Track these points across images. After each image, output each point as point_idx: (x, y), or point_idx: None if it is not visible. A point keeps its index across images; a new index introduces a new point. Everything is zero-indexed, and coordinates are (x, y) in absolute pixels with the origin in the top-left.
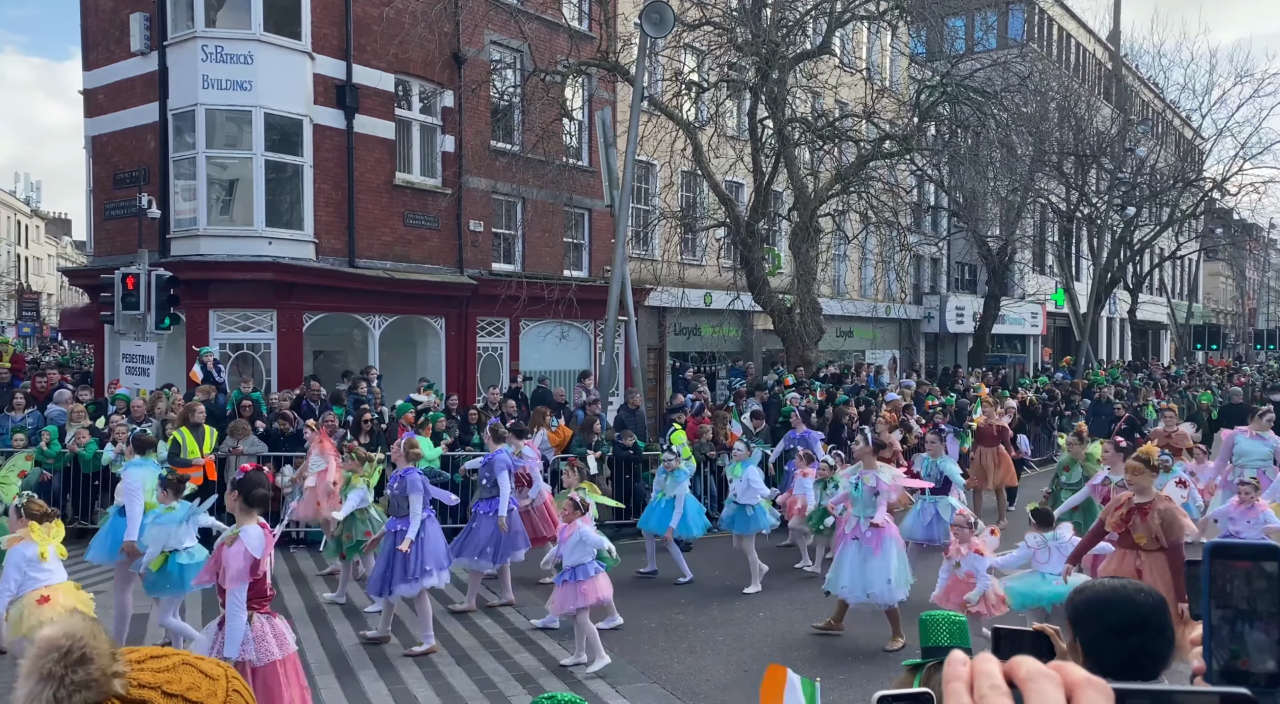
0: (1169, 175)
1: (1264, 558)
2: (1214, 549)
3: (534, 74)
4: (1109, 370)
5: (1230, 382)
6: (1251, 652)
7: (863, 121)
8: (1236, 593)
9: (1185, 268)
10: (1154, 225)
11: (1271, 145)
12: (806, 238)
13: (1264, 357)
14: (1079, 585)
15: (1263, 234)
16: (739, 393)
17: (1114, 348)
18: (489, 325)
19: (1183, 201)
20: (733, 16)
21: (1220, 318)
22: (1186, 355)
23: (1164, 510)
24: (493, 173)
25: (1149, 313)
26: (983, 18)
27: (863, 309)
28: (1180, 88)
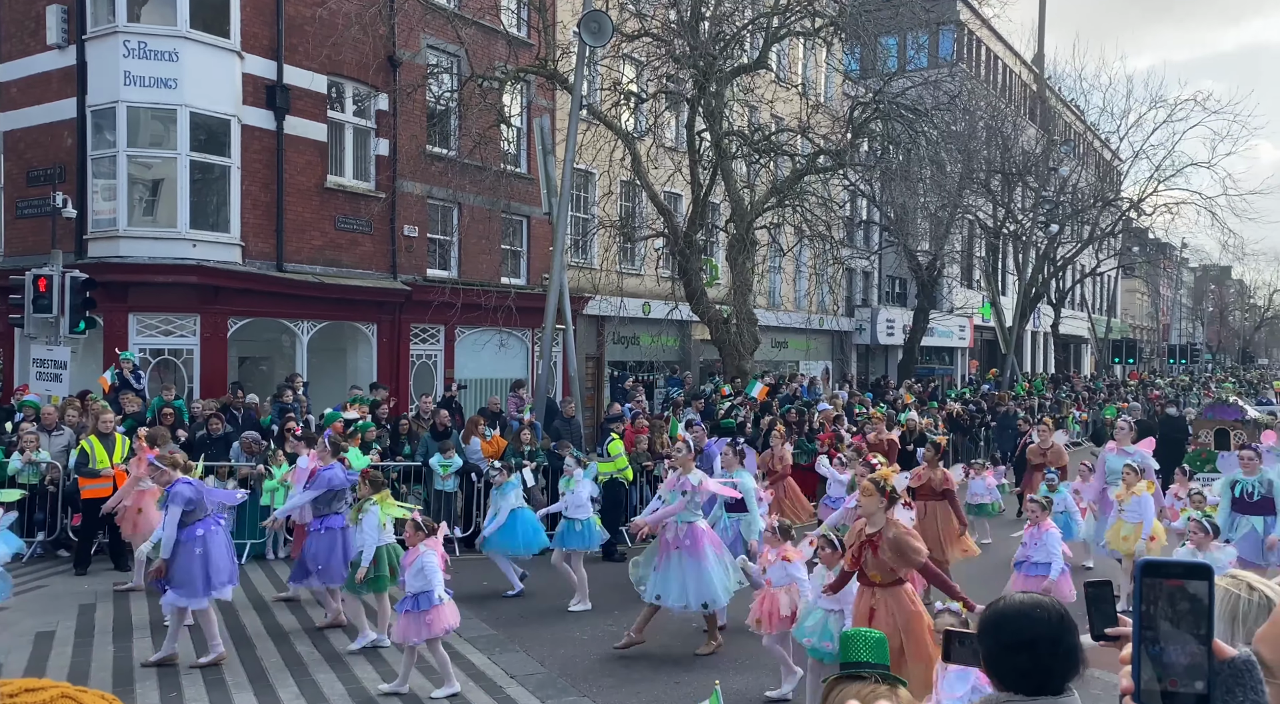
0: (1089, 194)
1: (1193, 577)
2: (1145, 567)
3: (471, 79)
4: (1033, 382)
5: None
6: (1180, 672)
7: (798, 136)
8: (1162, 612)
9: (1104, 284)
10: (1075, 242)
11: (1183, 168)
12: (743, 249)
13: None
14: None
15: (1175, 253)
16: (676, 402)
17: (1038, 361)
18: (423, 332)
19: (1102, 220)
20: (671, 29)
21: (1136, 333)
22: (1105, 369)
23: (893, 539)
24: (428, 177)
25: (1070, 327)
26: (914, 37)
27: (797, 320)
28: (1100, 111)
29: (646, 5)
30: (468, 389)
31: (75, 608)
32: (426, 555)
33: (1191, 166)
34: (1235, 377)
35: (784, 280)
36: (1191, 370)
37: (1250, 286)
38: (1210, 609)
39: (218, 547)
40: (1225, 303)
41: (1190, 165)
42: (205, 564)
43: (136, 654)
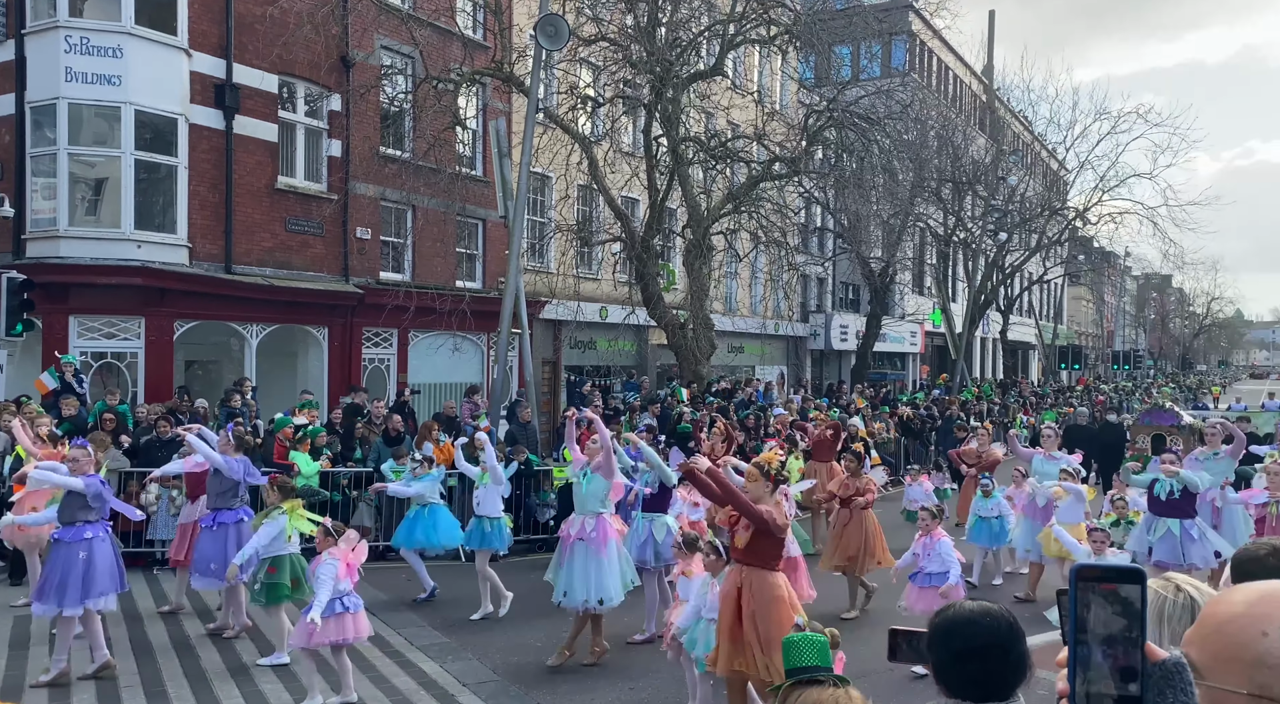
0: (1037, 204)
1: (1125, 581)
2: (1079, 571)
3: (426, 81)
4: (982, 387)
5: (1091, 400)
6: (1114, 675)
7: (753, 143)
8: (1095, 616)
9: (1051, 291)
10: (1023, 251)
11: (1126, 179)
12: (699, 255)
13: (1120, 376)
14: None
15: (1119, 262)
16: (633, 407)
17: (987, 366)
18: (375, 336)
19: (1049, 229)
20: (628, 34)
21: (1082, 339)
22: (1052, 374)
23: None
24: (381, 179)
25: (1018, 333)
26: (867, 47)
27: (752, 325)
28: (1047, 121)
29: (603, 10)
30: (421, 394)
31: (10, 619)
32: (325, 564)
33: (1134, 177)
34: (1175, 382)
35: (740, 286)
36: (1134, 376)
37: (1189, 295)
38: (1143, 613)
39: (104, 555)
40: (1166, 310)
41: (1133, 176)
42: (87, 570)
43: (32, 669)
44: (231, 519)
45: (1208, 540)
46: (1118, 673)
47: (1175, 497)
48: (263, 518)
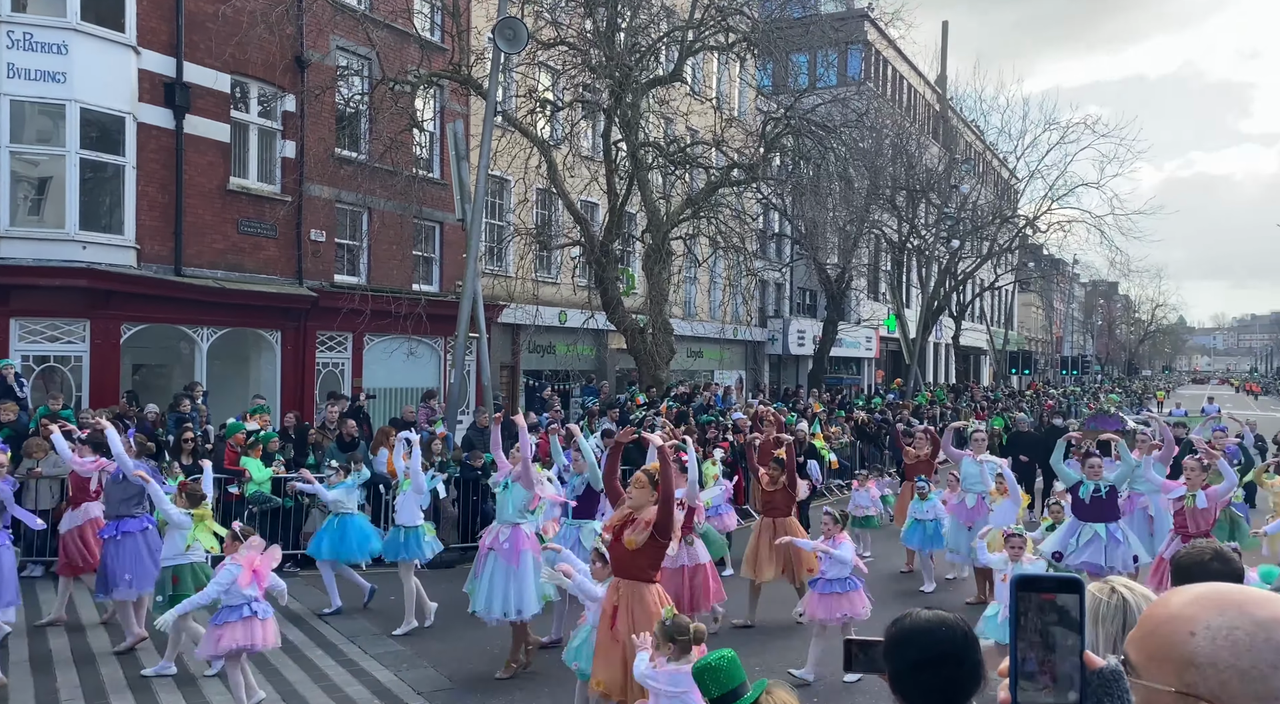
0: (988, 212)
1: (1064, 591)
2: (1020, 581)
3: (382, 82)
4: (935, 392)
5: (1041, 404)
6: (1053, 683)
7: (712, 149)
8: (1035, 624)
9: (1002, 298)
10: (975, 258)
11: (1075, 188)
12: (659, 260)
13: (1068, 381)
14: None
15: (1068, 269)
16: (591, 411)
17: (940, 371)
18: (330, 340)
19: (1000, 236)
20: (587, 38)
21: (1032, 345)
22: (1003, 379)
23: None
24: (337, 181)
25: (970, 339)
26: (824, 55)
27: (711, 330)
28: (998, 131)
29: (562, 14)
30: (377, 398)
31: None
32: (224, 569)
33: (1082, 186)
34: (1122, 387)
35: (699, 291)
36: (1082, 381)
37: (1135, 302)
38: (1081, 622)
39: (6, 565)
40: (1113, 317)
41: (1081, 185)
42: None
43: None
44: (136, 528)
45: (1128, 544)
46: (1057, 681)
47: (1101, 497)
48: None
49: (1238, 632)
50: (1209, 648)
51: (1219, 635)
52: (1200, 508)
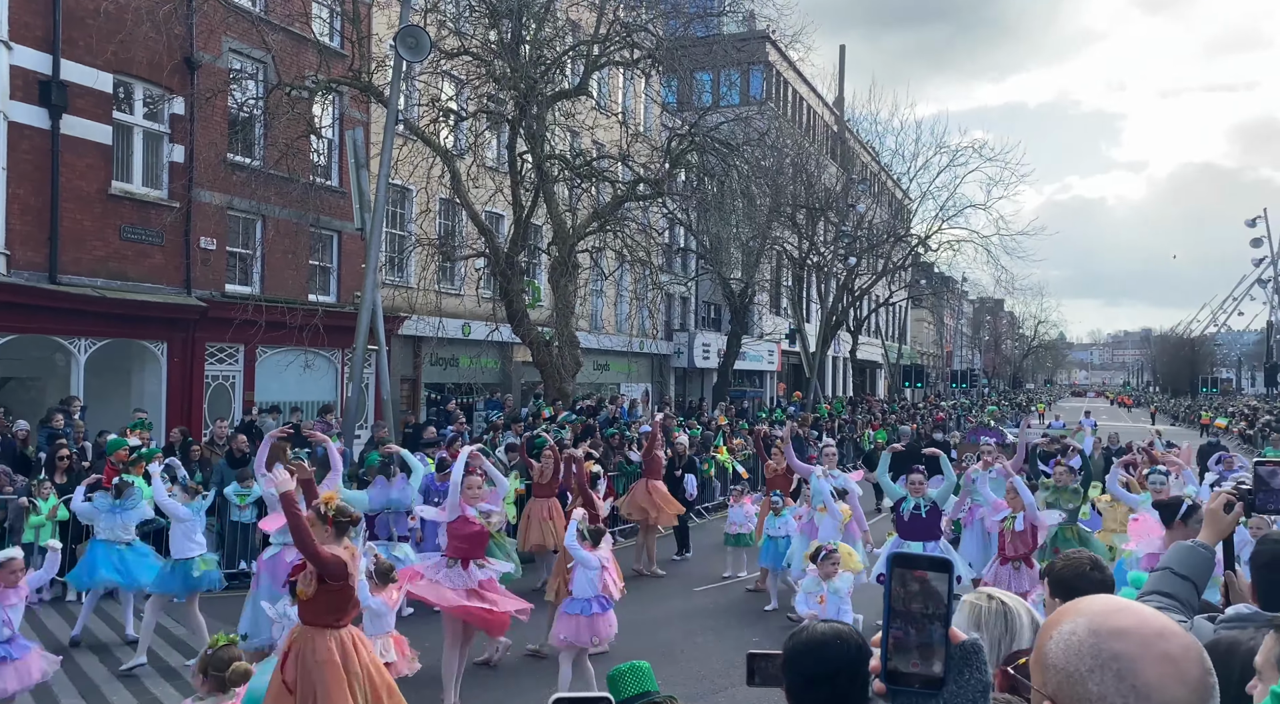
0: (883, 230)
1: (936, 570)
2: (896, 558)
3: (278, 87)
4: (833, 404)
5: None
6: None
7: (618, 163)
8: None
9: (896, 313)
10: (871, 274)
11: (963, 209)
12: (565, 272)
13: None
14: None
15: (957, 286)
16: (495, 425)
17: (838, 384)
18: (220, 352)
19: (894, 254)
20: (491, 49)
21: (924, 359)
22: (897, 392)
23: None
24: (229, 187)
25: (866, 353)
26: (727, 75)
27: (618, 343)
28: (892, 153)
29: (466, 24)
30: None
31: None
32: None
33: (970, 208)
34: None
35: (606, 304)
36: (971, 393)
37: (1019, 318)
38: (949, 599)
39: None
40: (999, 332)
41: (969, 207)
42: None
43: None
44: None
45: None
46: (924, 653)
47: (921, 515)
48: None
49: (1074, 637)
50: (1054, 650)
51: (1062, 640)
52: (1018, 531)
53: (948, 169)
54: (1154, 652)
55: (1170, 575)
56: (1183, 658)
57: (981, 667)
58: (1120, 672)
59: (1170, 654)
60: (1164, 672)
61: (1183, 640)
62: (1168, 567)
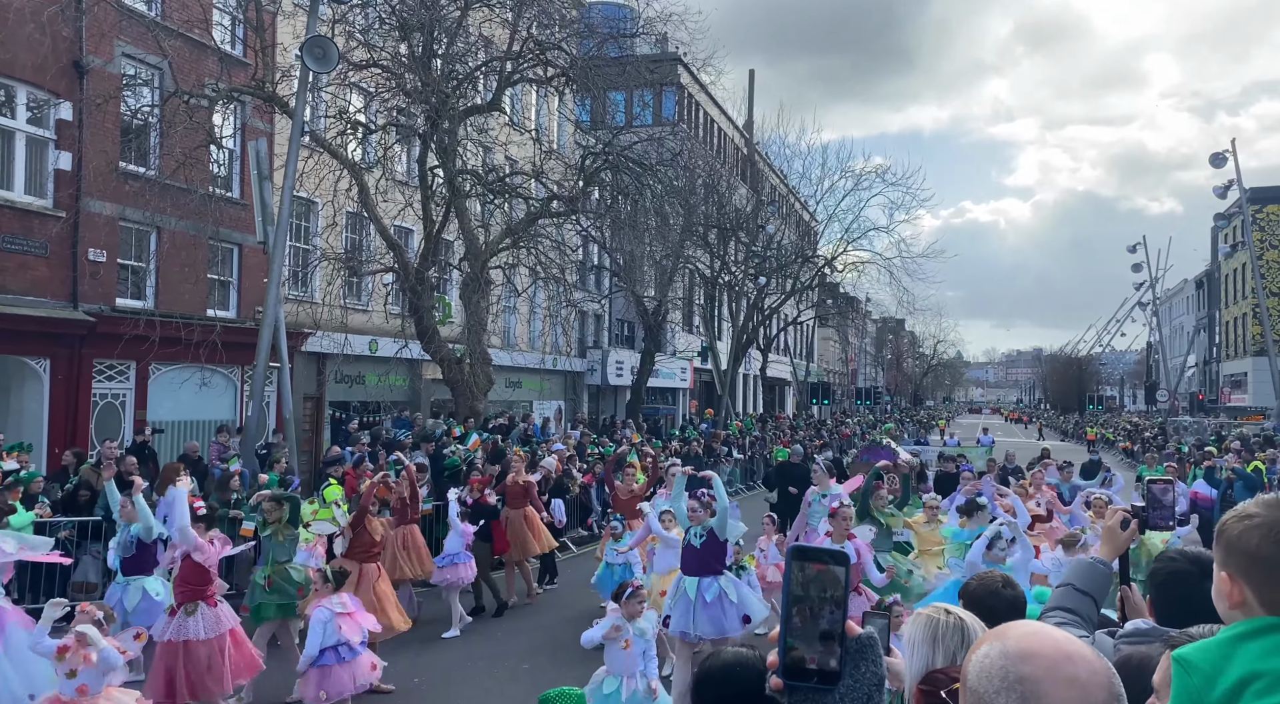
0: (792, 251)
1: (835, 563)
2: (795, 551)
3: (175, 95)
4: (744, 421)
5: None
6: (818, 649)
7: (532, 180)
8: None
9: (804, 332)
10: (780, 294)
11: (867, 232)
12: (477, 289)
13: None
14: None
15: (862, 306)
16: (403, 444)
17: (749, 401)
18: (109, 369)
19: (802, 275)
20: (402, 62)
21: (830, 376)
22: (804, 409)
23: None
24: (121, 197)
25: (776, 371)
26: (640, 95)
27: (531, 361)
28: (800, 176)
29: (376, 36)
30: (165, 433)
31: None
32: None
33: (874, 230)
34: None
35: (519, 321)
36: (874, 410)
37: (920, 338)
38: (846, 592)
39: None
40: (900, 351)
41: (873, 229)
42: None
43: None
44: None
45: (731, 603)
46: (822, 646)
47: (696, 547)
48: None
49: (988, 660)
50: (971, 671)
51: (979, 661)
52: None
53: (853, 193)
54: (1060, 675)
55: (1072, 591)
56: (1089, 682)
57: (876, 660)
58: (1025, 694)
59: (1077, 678)
60: (1068, 695)
61: (1091, 665)
62: (1069, 583)
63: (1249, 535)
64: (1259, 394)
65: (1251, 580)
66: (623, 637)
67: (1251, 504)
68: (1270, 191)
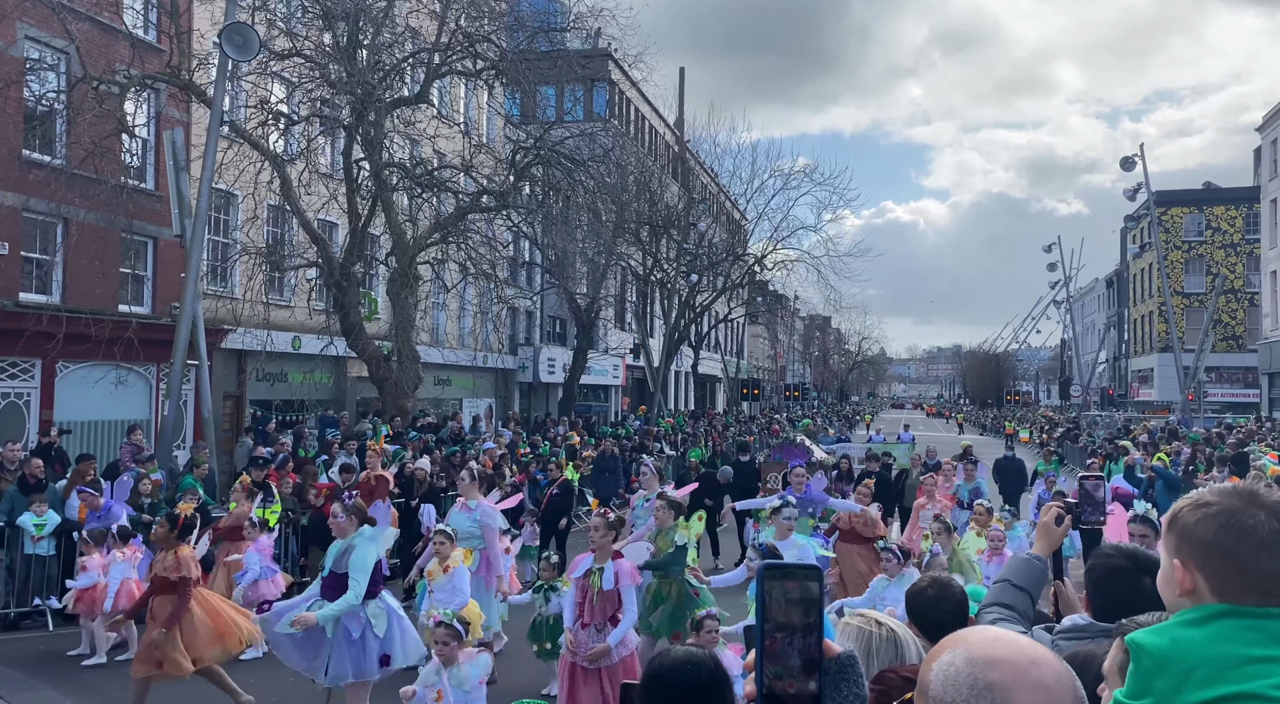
0: (722, 249)
1: (808, 578)
2: (767, 570)
3: (84, 81)
4: (675, 418)
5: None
6: (795, 673)
7: (461, 174)
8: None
9: (734, 329)
10: (711, 291)
11: (796, 231)
12: (405, 284)
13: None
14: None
15: (790, 304)
16: (331, 444)
17: (680, 398)
18: (12, 367)
19: (733, 272)
20: (326, 52)
21: (759, 373)
22: (735, 405)
23: None
24: (24, 187)
25: (707, 367)
26: (571, 90)
27: (461, 358)
28: (730, 174)
29: (299, 25)
30: (73, 434)
31: None
32: None
33: (802, 229)
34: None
35: (449, 317)
36: (803, 406)
37: (845, 334)
38: (820, 609)
39: None
40: (828, 348)
41: (801, 228)
42: None
43: None
44: None
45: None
46: (800, 668)
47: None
48: None
49: (952, 668)
50: (934, 682)
51: (941, 669)
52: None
53: (781, 192)
54: (1028, 680)
55: (1009, 587)
56: (1055, 686)
57: (858, 679)
58: (995, 700)
59: (1044, 683)
60: (1037, 700)
61: (1055, 669)
62: (1006, 579)
63: (1205, 524)
64: (1164, 389)
65: (1205, 568)
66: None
67: (1207, 493)
68: (1175, 195)
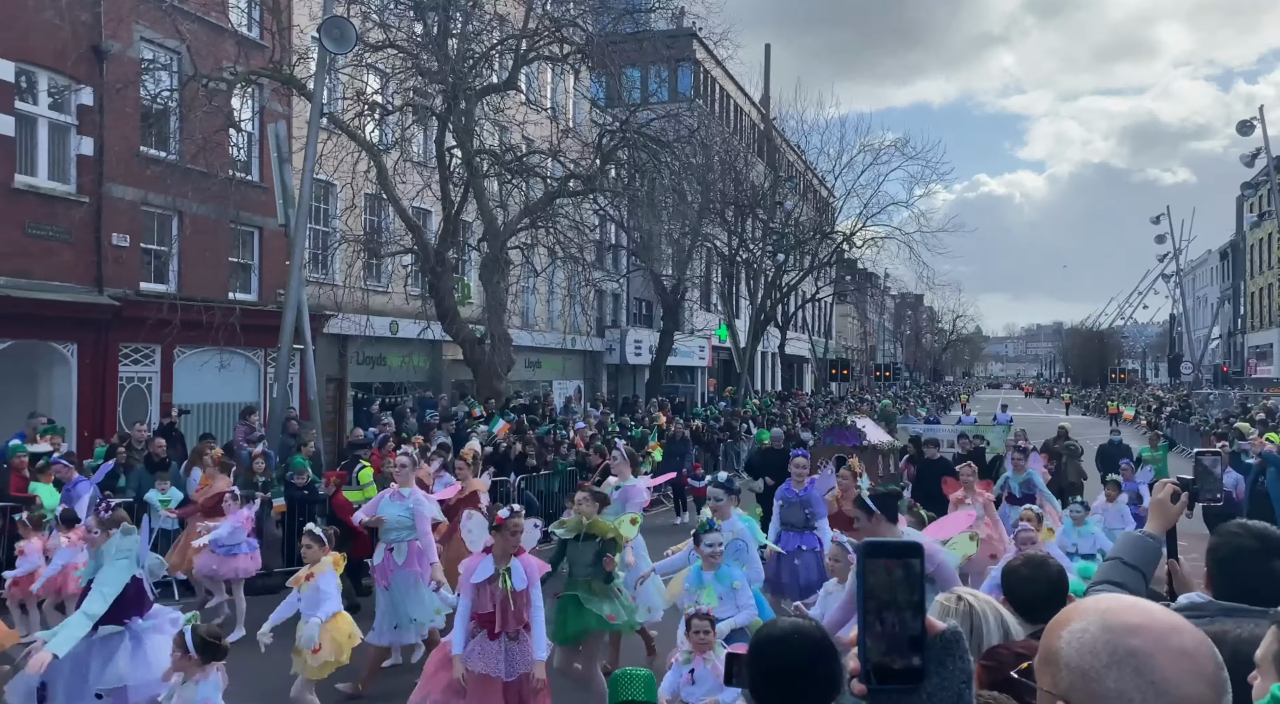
0: (809, 228)
1: (908, 556)
2: (867, 548)
3: (194, 79)
4: (762, 399)
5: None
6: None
7: (549, 159)
8: (881, 592)
9: (822, 309)
10: (798, 271)
11: (886, 207)
12: (496, 269)
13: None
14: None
15: (880, 282)
16: (430, 425)
17: (767, 379)
18: (135, 353)
19: (820, 251)
20: (418, 42)
21: (849, 353)
22: (823, 386)
23: None
24: (143, 182)
25: (794, 348)
26: (656, 72)
27: (551, 340)
28: (818, 151)
29: (391, 17)
30: (191, 414)
31: None
32: None
33: (893, 205)
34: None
35: (538, 300)
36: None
37: (938, 313)
38: (922, 586)
39: None
40: (920, 327)
41: (892, 204)
42: None
43: None
44: None
45: None
46: (903, 645)
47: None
48: None
49: (1087, 635)
50: (1066, 649)
51: (1074, 638)
52: None
53: (870, 168)
54: (1170, 646)
55: (1120, 565)
56: (1197, 652)
57: (964, 655)
58: (1138, 667)
59: (1186, 649)
60: (1181, 667)
61: (1195, 636)
62: (1118, 557)
63: None
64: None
65: None
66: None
67: None
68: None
